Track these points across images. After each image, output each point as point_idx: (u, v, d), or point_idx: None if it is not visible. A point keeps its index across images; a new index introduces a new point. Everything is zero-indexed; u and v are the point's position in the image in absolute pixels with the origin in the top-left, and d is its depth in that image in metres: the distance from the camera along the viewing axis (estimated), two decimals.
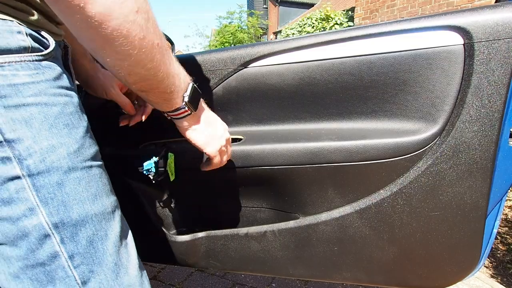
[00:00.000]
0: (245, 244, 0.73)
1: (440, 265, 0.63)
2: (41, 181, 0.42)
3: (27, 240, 0.41)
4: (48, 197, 0.42)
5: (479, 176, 0.56)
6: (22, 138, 0.41)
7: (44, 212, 0.42)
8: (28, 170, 0.41)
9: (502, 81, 0.52)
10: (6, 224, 0.40)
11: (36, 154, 0.42)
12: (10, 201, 0.40)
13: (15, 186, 0.40)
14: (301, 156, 0.63)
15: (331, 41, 0.61)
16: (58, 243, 0.43)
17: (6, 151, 0.40)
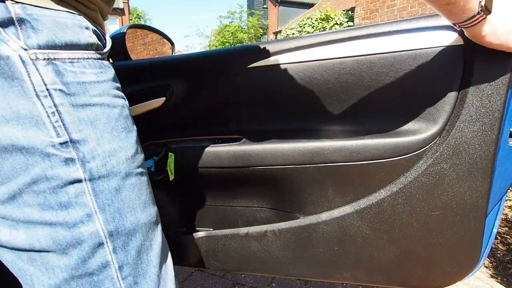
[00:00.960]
0: (245, 244, 0.73)
1: (440, 265, 0.63)
2: (101, 186, 0.40)
3: (80, 248, 0.38)
4: (106, 203, 0.40)
5: (479, 176, 0.56)
6: (87, 139, 0.39)
7: (101, 219, 0.39)
8: (90, 173, 0.39)
9: (502, 80, 0.52)
10: (60, 230, 0.37)
11: (99, 157, 0.40)
12: (68, 205, 0.38)
13: (75, 190, 0.38)
14: (301, 156, 0.63)
15: (331, 41, 0.61)
16: (110, 252, 0.40)
17: (71, 152, 0.38)
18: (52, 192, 0.37)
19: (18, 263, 0.38)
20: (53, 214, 0.37)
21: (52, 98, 0.37)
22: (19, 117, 0.35)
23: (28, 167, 0.36)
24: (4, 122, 0.35)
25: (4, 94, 0.34)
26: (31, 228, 0.36)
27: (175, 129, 0.76)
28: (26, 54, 0.36)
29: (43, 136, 0.36)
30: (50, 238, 0.37)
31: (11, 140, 0.35)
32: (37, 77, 0.36)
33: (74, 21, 0.41)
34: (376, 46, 0.59)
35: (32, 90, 0.36)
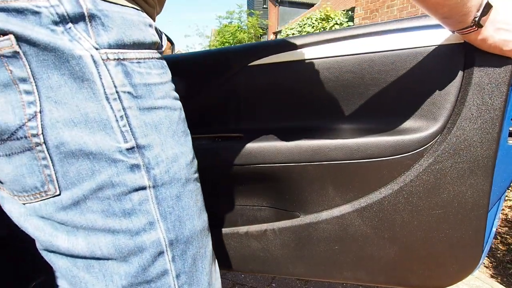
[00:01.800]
0: (245, 243, 0.72)
1: (441, 264, 0.62)
2: (163, 193, 0.38)
3: (141, 257, 0.37)
4: (168, 211, 0.39)
5: (480, 174, 0.56)
6: (152, 145, 0.37)
7: (162, 227, 0.38)
8: (154, 180, 0.37)
9: (503, 78, 0.52)
10: (123, 238, 0.36)
11: (162, 163, 0.38)
12: (131, 212, 0.36)
13: (139, 197, 0.36)
14: (301, 154, 0.63)
15: (332, 39, 0.61)
16: (169, 260, 0.39)
17: (137, 158, 0.36)
18: (116, 199, 0.35)
19: (73, 270, 0.36)
20: (117, 221, 0.36)
21: (121, 101, 0.35)
22: (87, 121, 0.33)
23: (94, 173, 0.34)
24: (72, 125, 0.33)
25: (72, 96, 0.33)
26: (92, 235, 0.35)
27: None
28: (97, 54, 0.34)
29: (110, 141, 0.34)
30: (112, 246, 0.36)
31: (79, 145, 0.33)
32: (108, 78, 0.34)
33: (140, 18, 0.39)
34: (377, 44, 0.59)
35: (102, 93, 0.34)
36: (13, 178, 0.33)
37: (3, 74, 0.30)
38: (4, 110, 0.31)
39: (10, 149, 0.32)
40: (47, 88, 0.32)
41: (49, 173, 0.33)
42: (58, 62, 0.32)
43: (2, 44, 0.30)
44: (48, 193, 0.34)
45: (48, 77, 0.32)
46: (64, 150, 0.33)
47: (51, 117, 0.32)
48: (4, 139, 0.32)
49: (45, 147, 0.32)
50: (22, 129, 0.31)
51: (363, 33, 0.59)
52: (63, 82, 0.32)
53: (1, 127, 0.31)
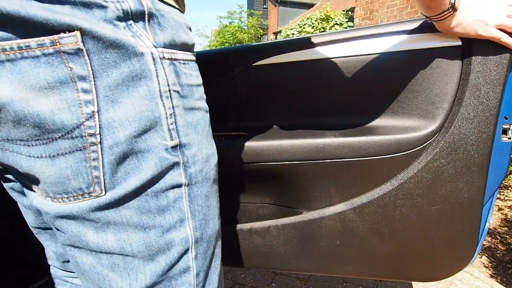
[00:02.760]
0: (249, 240, 0.73)
1: (438, 257, 0.64)
2: (195, 192, 0.39)
3: (168, 254, 0.37)
4: (197, 209, 0.39)
5: (476, 171, 0.58)
6: (191, 144, 0.38)
7: (191, 225, 0.39)
8: (189, 179, 0.38)
9: (498, 79, 0.54)
10: (154, 235, 0.36)
11: (198, 162, 0.39)
12: (165, 209, 0.36)
13: (175, 194, 0.37)
14: (305, 152, 0.64)
15: (333, 40, 0.62)
16: (192, 258, 0.39)
17: (178, 156, 0.37)
18: (154, 195, 0.35)
19: (97, 267, 0.36)
20: (151, 217, 0.35)
21: (172, 99, 0.36)
22: (141, 119, 0.33)
23: (140, 172, 0.34)
24: (126, 124, 0.32)
25: (129, 94, 0.32)
26: (122, 232, 0.35)
27: None
28: (156, 52, 0.34)
29: (158, 139, 0.35)
30: (142, 243, 0.35)
31: (131, 145, 0.33)
32: (163, 77, 0.35)
33: (184, 21, 0.40)
34: (378, 46, 0.60)
35: (157, 90, 0.34)
36: (55, 180, 0.32)
37: (62, 71, 0.29)
38: (60, 108, 0.29)
39: (55, 150, 0.31)
40: (105, 87, 0.31)
41: (97, 175, 0.32)
42: (119, 60, 0.31)
43: (66, 40, 0.29)
44: (92, 194, 0.33)
45: (107, 75, 0.31)
46: (117, 150, 0.32)
47: (107, 117, 0.31)
48: (54, 138, 0.30)
49: (99, 147, 0.31)
50: (79, 128, 0.30)
51: (364, 35, 0.61)
52: (120, 80, 0.32)
53: (56, 125, 0.30)
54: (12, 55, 0.27)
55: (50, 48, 0.28)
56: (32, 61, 0.28)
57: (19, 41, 0.27)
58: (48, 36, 0.28)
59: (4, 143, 0.30)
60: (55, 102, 0.29)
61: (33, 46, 0.28)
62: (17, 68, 0.28)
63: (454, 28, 0.53)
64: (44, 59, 0.28)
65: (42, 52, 0.28)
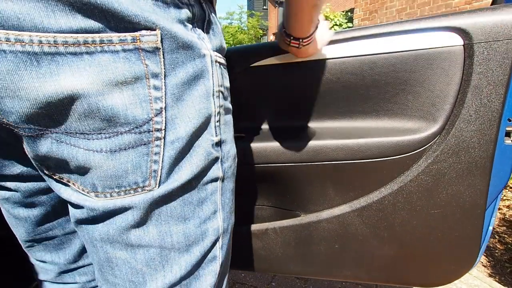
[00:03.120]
0: (247, 242, 0.73)
1: (440, 262, 0.63)
2: (226, 186, 0.42)
3: (202, 245, 0.38)
4: (226, 202, 0.42)
5: (478, 174, 0.57)
6: (227, 141, 0.41)
7: (221, 216, 0.41)
8: (224, 173, 0.41)
9: (501, 81, 0.53)
10: (192, 225, 0.37)
11: (230, 158, 0.42)
12: (203, 201, 0.38)
13: (212, 187, 0.39)
14: (303, 154, 0.64)
15: (333, 41, 0.62)
16: (219, 247, 0.41)
17: (219, 151, 0.39)
18: (197, 188, 0.37)
19: (131, 262, 0.36)
20: (191, 209, 0.37)
21: (219, 99, 0.39)
22: (199, 116, 0.35)
23: (192, 166, 0.35)
24: (187, 120, 0.34)
25: (190, 92, 0.34)
26: (164, 224, 0.35)
27: None
28: (213, 55, 0.37)
29: (207, 135, 0.37)
30: (182, 233, 0.36)
31: (189, 140, 0.34)
32: (216, 77, 0.38)
33: (221, 29, 0.43)
34: (378, 46, 0.60)
35: (212, 90, 0.37)
36: (111, 174, 0.32)
37: (138, 67, 0.30)
38: (132, 103, 0.30)
39: (118, 145, 0.31)
40: (172, 85, 0.32)
41: (155, 169, 0.33)
42: (186, 60, 0.33)
43: (147, 38, 0.29)
44: (146, 188, 0.33)
45: (175, 74, 0.32)
46: (177, 145, 0.33)
47: (172, 113, 0.33)
48: (120, 132, 0.31)
49: (163, 142, 0.32)
50: (148, 123, 0.31)
51: (364, 35, 0.60)
52: (185, 79, 0.33)
53: (128, 119, 0.30)
54: (93, 48, 0.27)
55: (130, 44, 0.29)
56: (111, 56, 0.28)
57: (103, 35, 0.28)
58: (131, 33, 0.29)
59: (61, 136, 0.30)
60: (128, 97, 0.30)
61: (115, 41, 0.28)
62: (96, 62, 0.28)
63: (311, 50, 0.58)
64: (123, 55, 0.29)
65: (122, 47, 0.29)
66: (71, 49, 0.27)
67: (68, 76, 0.27)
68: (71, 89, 0.28)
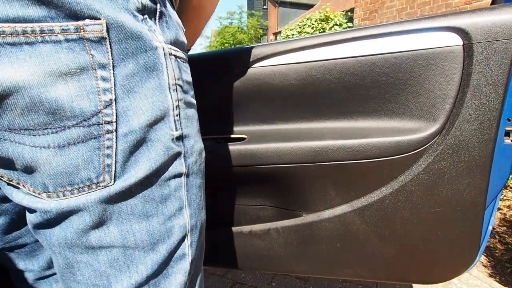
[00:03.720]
0: (249, 242, 0.73)
1: (440, 260, 0.64)
2: (192, 182, 0.41)
3: (168, 242, 0.37)
4: (192, 198, 0.41)
5: (477, 173, 0.57)
6: (190, 136, 0.41)
7: (188, 213, 0.40)
8: (187, 169, 0.40)
9: (500, 80, 0.53)
10: (156, 223, 0.36)
11: (194, 154, 0.41)
12: (167, 198, 0.37)
13: (176, 183, 0.38)
14: (304, 155, 0.64)
15: (333, 41, 0.62)
16: (188, 245, 0.40)
17: (181, 146, 0.39)
18: (158, 184, 0.36)
19: (94, 265, 0.34)
20: (154, 206, 0.36)
21: (177, 92, 0.38)
22: (153, 109, 0.34)
23: (150, 161, 0.34)
24: (140, 113, 0.33)
25: (142, 85, 0.33)
26: (125, 223, 0.34)
27: None
28: (166, 48, 0.36)
29: (166, 129, 0.36)
30: (145, 231, 0.35)
31: (144, 133, 0.33)
32: (171, 71, 0.37)
33: (180, 23, 0.42)
34: (378, 46, 0.60)
35: (167, 83, 0.36)
36: (62, 171, 0.30)
37: (83, 58, 0.29)
38: (79, 94, 0.29)
39: (66, 139, 0.30)
40: (122, 77, 0.31)
41: (109, 163, 0.32)
42: (136, 51, 0.32)
43: (91, 28, 0.28)
44: (101, 184, 0.32)
45: (125, 65, 0.31)
46: (131, 138, 0.32)
47: (123, 105, 0.32)
48: (67, 126, 0.29)
49: (115, 135, 0.31)
50: (97, 116, 0.30)
51: (364, 35, 0.60)
52: (136, 71, 0.32)
53: (74, 112, 0.29)
54: (33, 38, 0.26)
55: (73, 34, 0.28)
56: (53, 46, 0.27)
57: (43, 24, 0.26)
58: (73, 22, 0.27)
59: (4, 133, 0.28)
60: (74, 88, 0.29)
61: (57, 30, 0.27)
62: (37, 52, 0.27)
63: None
64: (66, 45, 0.28)
65: (65, 37, 0.27)
66: (9, 39, 0.26)
67: (7, 67, 0.26)
68: (10, 81, 0.26)
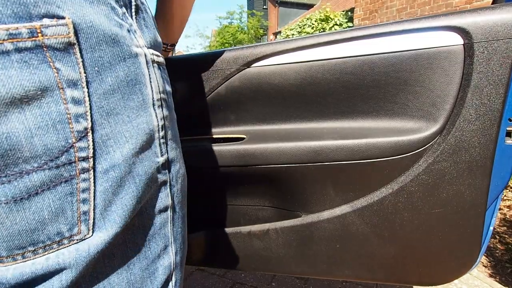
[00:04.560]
0: (248, 242, 0.73)
1: (440, 261, 0.64)
2: (178, 214, 0.33)
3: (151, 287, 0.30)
4: (178, 232, 0.33)
5: (478, 174, 0.57)
6: (175, 159, 0.32)
7: (173, 250, 0.33)
8: (173, 200, 0.32)
9: (501, 80, 0.53)
10: (138, 269, 0.29)
11: (179, 179, 0.33)
12: (151, 238, 0.29)
13: (161, 220, 0.30)
14: (303, 155, 0.64)
15: (333, 41, 0.62)
16: (173, 285, 0.33)
17: (166, 174, 0.30)
18: (142, 225, 0.28)
19: None
20: (135, 251, 0.28)
21: (162, 108, 0.30)
22: (138, 134, 0.26)
23: (133, 199, 0.27)
24: (123, 141, 0.25)
25: (124, 103, 0.25)
26: (101, 278, 0.26)
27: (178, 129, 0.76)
28: (148, 53, 0.28)
29: (151, 156, 0.28)
30: (126, 282, 0.28)
31: (129, 167, 0.25)
32: (155, 82, 0.29)
33: (152, 16, 0.33)
34: (378, 46, 0.60)
35: (151, 98, 0.28)
36: (21, 229, 0.22)
37: (45, 74, 0.20)
38: (41, 126, 0.21)
39: (25, 189, 0.21)
40: (99, 96, 0.23)
41: (86, 210, 0.24)
42: (113, 61, 0.24)
43: (53, 30, 0.20)
44: (75, 238, 0.24)
45: (101, 79, 0.23)
46: (113, 175, 0.25)
47: (102, 134, 0.24)
48: (26, 171, 0.21)
49: (92, 174, 0.24)
50: (68, 153, 0.22)
51: (364, 35, 0.60)
52: (116, 86, 0.25)
53: (36, 151, 0.21)
54: None
55: (28, 40, 0.20)
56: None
57: None
58: (26, 23, 0.19)
59: None
60: (34, 118, 0.20)
61: (2, 37, 0.19)
62: None
63: None
64: (17, 57, 0.19)
65: (15, 46, 0.19)
66: None
67: None
68: None
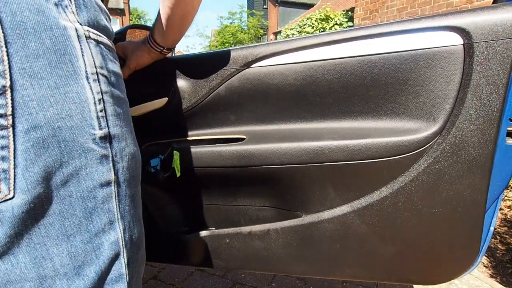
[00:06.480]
0: (248, 243, 0.73)
1: (440, 261, 0.64)
2: (124, 191, 0.34)
3: (97, 262, 0.31)
4: (126, 210, 0.34)
5: (478, 174, 0.57)
6: (120, 136, 0.34)
7: (121, 227, 0.34)
8: (117, 175, 0.33)
9: (501, 80, 0.53)
10: (80, 242, 0.30)
11: (126, 157, 0.34)
12: (93, 212, 0.31)
13: (103, 194, 0.32)
14: (303, 155, 0.64)
15: (333, 41, 0.62)
16: (125, 264, 0.34)
17: (107, 148, 0.32)
18: (79, 196, 0.30)
19: None
20: (75, 222, 0.29)
21: (100, 83, 0.31)
22: (66, 101, 0.28)
23: (62, 166, 0.28)
24: (48, 105, 0.27)
25: (51, 71, 0.27)
26: (39, 248, 0.27)
27: (178, 129, 0.76)
28: (81, 29, 0.30)
29: (86, 127, 0.30)
30: (67, 254, 0.29)
31: (53, 130, 0.27)
32: (90, 57, 0.30)
33: (102, 7, 0.35)
34: (377, 46, 0.60)
35: (83, 71, 0.30)
36: None
37: None
38: None
39: None
40: (21, 57, 0.25)
41: (5, 168, 0.25)
42: (38, 27, 0.26)
43: None
44: None
45: (24, 43, 0.25)
46: (35, 136, 0.26)
47: (24, 94, 0.25)
48: None
49: (11, 131, 0.25)
50: None
51: (364, 35, 0.60)
52: (41, 52, 0.26)
53: None
54: None
55: None
56: None
57: None
58: None
59: None
60: None
61: None
62: None
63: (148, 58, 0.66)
64: None
65: None
66: None
67: None
68: None
